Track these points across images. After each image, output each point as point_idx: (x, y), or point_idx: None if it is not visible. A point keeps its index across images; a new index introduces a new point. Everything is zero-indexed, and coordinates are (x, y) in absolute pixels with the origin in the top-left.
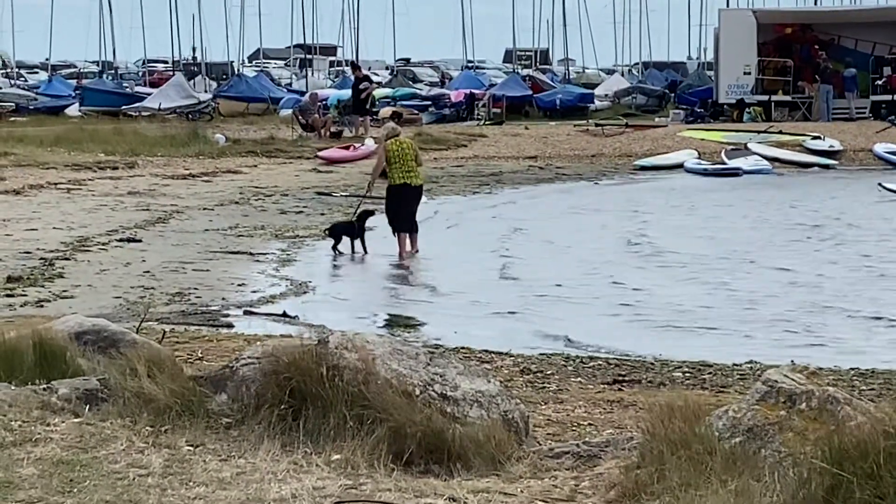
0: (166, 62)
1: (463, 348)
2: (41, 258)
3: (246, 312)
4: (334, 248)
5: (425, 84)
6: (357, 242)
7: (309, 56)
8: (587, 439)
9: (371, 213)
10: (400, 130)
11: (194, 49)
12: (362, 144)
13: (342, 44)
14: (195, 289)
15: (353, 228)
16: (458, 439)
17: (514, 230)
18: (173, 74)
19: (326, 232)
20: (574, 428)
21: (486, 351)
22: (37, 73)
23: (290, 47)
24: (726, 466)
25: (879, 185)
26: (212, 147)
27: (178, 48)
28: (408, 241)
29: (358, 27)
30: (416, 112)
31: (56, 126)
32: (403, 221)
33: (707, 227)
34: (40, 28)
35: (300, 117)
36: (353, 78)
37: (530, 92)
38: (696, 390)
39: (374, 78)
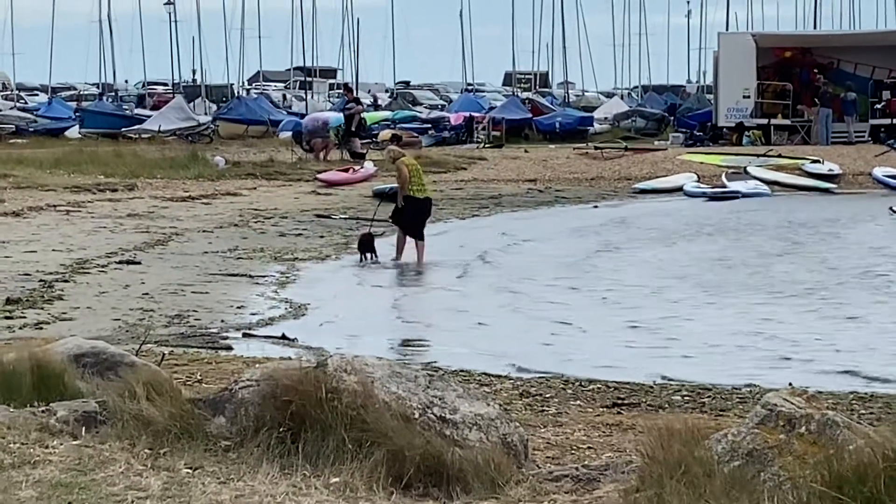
0: (166, 84)
1: (462, 371)
2: (40, 280)
3: (245, 335)
4: (369, 257)
5: (425, 107)
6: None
7: (309, 79)
8: (586, 463)
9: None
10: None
11: (194, 71)
12: (361, 167)
13: (342, 66)
14: (194, 311)
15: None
16: (456, 462)
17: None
18: (173, 97)
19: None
20: (573, 451)
21: (486, 374)
22: (37, 95)
23: (289, 70)
24: (726, 490)
25: (891, 209)
26: (211, 169)
27: (178, 70)
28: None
29: (358, 50)
30: (416, 135)
31: (56, 148)
32: (420, 230)
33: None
34: (40, 50)
35: (303, 140)
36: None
37: (530, 115)
38: (696, 414)
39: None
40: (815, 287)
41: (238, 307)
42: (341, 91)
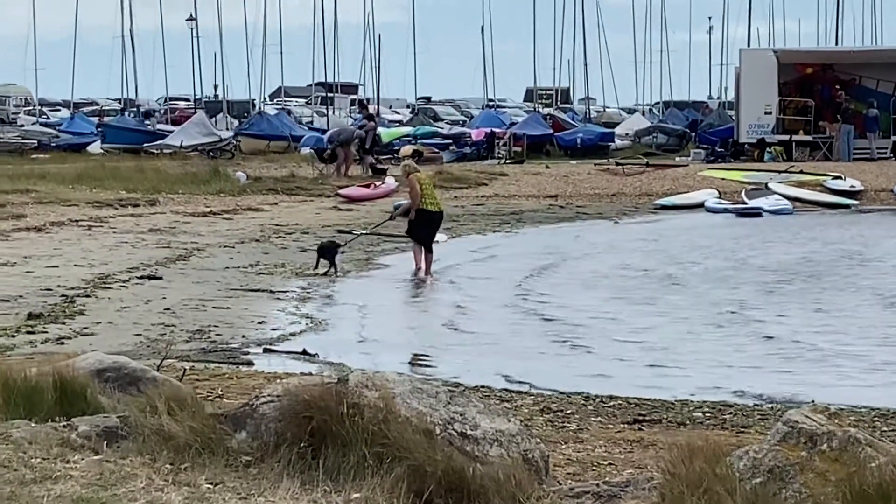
0: (188, 100)
1: (483, 387)
2: (62, 295)
3: (266, 350)
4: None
5: (446, 123)
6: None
7: (330, 94)
8: (607, 479)
9: (339, 246)
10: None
11: (216, 87)
12: (382, 182)
13: (363, 82)
14: (215, 326)
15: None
16: (477, 478)
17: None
18: (195, 112)
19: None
20: (594, 468)
21: (506, 390)
22: (59, 110)
23: (311, 85)
24: None
25: None
26: (233, 185)
27: (200, 86)
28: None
29: (379, 65)
30: (437, 150)
31: (78, 163)
32: (430, 242)
33: None
34: (63, 66)
35: (332, 147)
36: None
37: (551, 131)
38: (717, 430)
39: (395, 116)
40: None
41: (259, 322)
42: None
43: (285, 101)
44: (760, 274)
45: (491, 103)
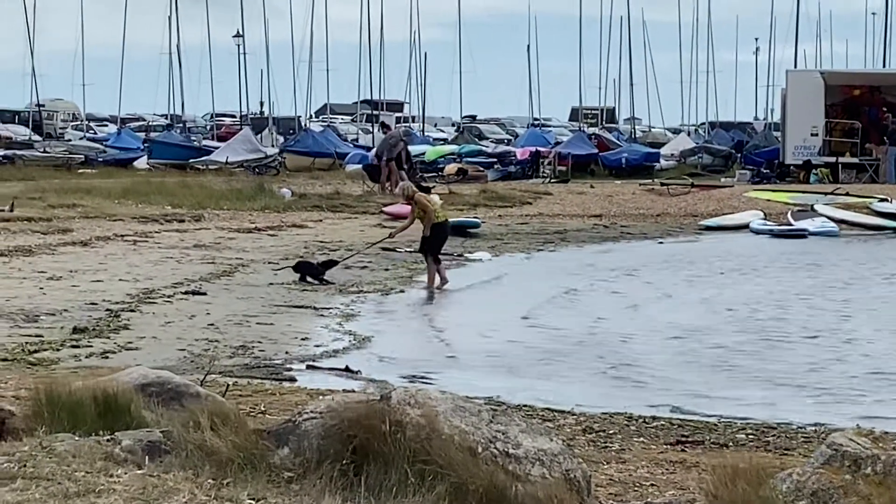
0: (234, 116)
1: (525, 406)
2: (107, 309)
3: (309, 367)
4: (302, 279)
5: (491, 141)
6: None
7: (375, 112)
8: (649, 500)
9: (335, 262)
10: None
11: (262, 103)
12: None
13: (409, 100)
14: (259, 342)
15: (315, 269)
16: (519, 497)
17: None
18: (241, 129)
19: (292, 268)
20: (636, 488)
21: (549, 409)
22: (106, 125)
23: (356, 103)
24: None
25: None
26: (278, 201)
27: (247, 102)
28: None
29: (425, 84)
30: (482, 169)
31: (124, 178)
32: (439, 252)
33: None
34: (110, 81)
35: (383, 159)
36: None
37: (596, 150)
38: (760, 452)
39: (440, 135)
40: None
41: (302, 339)
42: (407, 125)
43: (331, 118)
44: None
45: (536, 122)
